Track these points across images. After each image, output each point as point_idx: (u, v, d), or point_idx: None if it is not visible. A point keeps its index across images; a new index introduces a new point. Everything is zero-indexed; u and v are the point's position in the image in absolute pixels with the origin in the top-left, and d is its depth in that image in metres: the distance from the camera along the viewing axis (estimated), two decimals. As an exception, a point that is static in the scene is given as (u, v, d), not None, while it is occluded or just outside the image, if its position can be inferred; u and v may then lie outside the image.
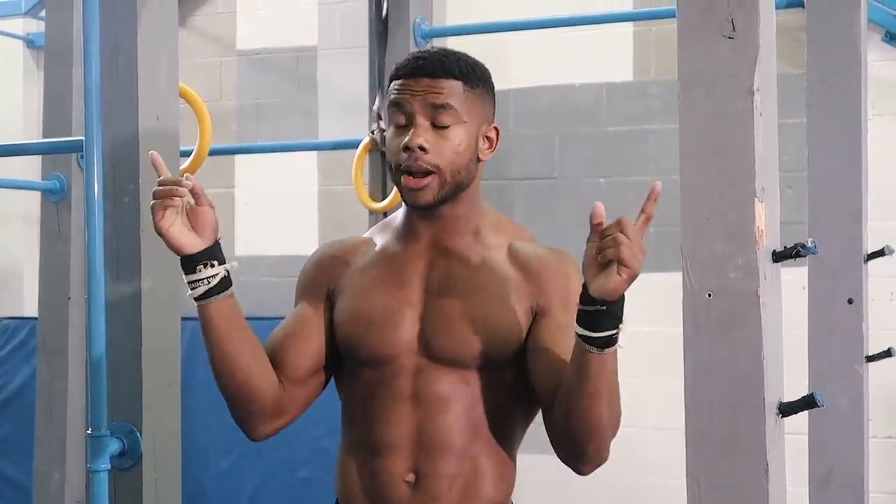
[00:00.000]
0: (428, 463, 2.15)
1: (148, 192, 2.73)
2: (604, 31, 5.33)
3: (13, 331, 6.11)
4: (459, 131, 2.16)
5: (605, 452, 2.17)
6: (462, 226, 2.24)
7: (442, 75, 2.16)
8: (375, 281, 2.23)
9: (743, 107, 2.11)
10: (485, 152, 2.23)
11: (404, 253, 2.24)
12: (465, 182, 2.20)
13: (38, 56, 6.32)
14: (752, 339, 2.10)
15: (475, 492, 2.19)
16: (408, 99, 2.16)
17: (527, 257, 2.21)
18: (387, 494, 2.17)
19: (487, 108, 2.23)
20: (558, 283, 2.18)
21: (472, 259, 2.21)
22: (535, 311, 2.17)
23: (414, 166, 2.14)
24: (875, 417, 4.03)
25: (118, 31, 2.72)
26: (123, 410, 2.68)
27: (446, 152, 2.15)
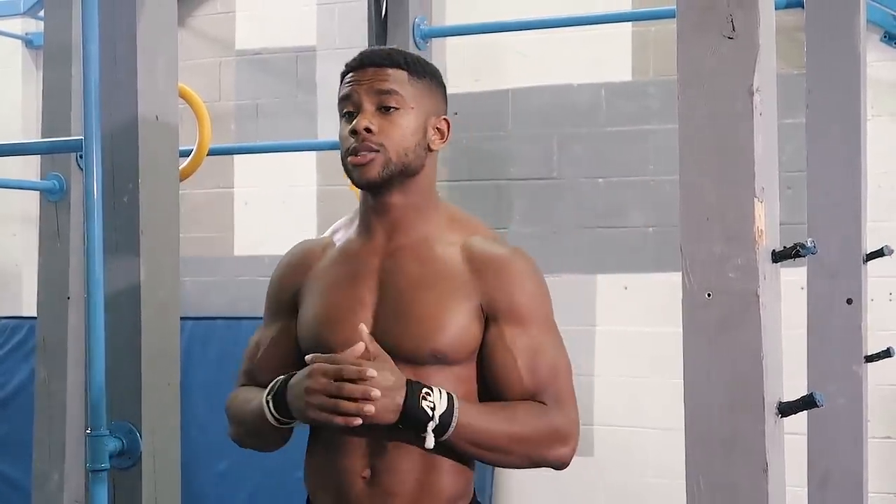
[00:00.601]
0: (383, 459, 2.21)
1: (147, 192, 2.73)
2: (603, 32, 5.33)
3: (12, 330, 6.11)
4: (405, 116, 2.24)
5: (559, 458, 2.25)
6: (416, 220, 2.29)
7: (387, 64, 2.26)
8: (332, 282, 2.29)
9: (742, 107, 2.11)
10: (435, 142, 2.31)
11: (360, 251, 2.29)
12: (413, 167, 2.26)
13: (36, 56, 6.32)
14: (752, 339, 2.10)
15: (430, 486, 2.23)
16: (355, 89, 2.25)
17: (478, 256, 2.25)
18: (346, 491, 2.24)
19: (437, 100, 2.31)
20: (506, 287, 2.23)
21: (426, 255, 2.25)
22: (485, 312, 2.22)
23: (361, 147, 2.22)
24: (874, 418, 4.03)
25: (117, 31, 2.72)
26: (123, 410, 2.68)
27: (392, 133, 2.22)
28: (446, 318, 2.19)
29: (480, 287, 2.22)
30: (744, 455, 2.11)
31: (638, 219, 5.34)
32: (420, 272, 2.23)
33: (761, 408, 2.10)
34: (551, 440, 2.22)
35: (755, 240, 2.10)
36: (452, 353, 2.20)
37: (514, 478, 5.55)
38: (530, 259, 2.29)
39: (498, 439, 2.18)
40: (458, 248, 2.26)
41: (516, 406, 2.21)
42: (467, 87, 5.66)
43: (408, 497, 2.21)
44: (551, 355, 2.27)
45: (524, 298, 2.23)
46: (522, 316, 2.23)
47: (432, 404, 2.10)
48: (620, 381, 5.41)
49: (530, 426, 2.20)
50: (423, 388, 2.11)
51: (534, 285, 2.26)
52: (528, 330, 2.24)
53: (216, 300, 5.87)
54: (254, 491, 5.44)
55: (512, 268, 2.25)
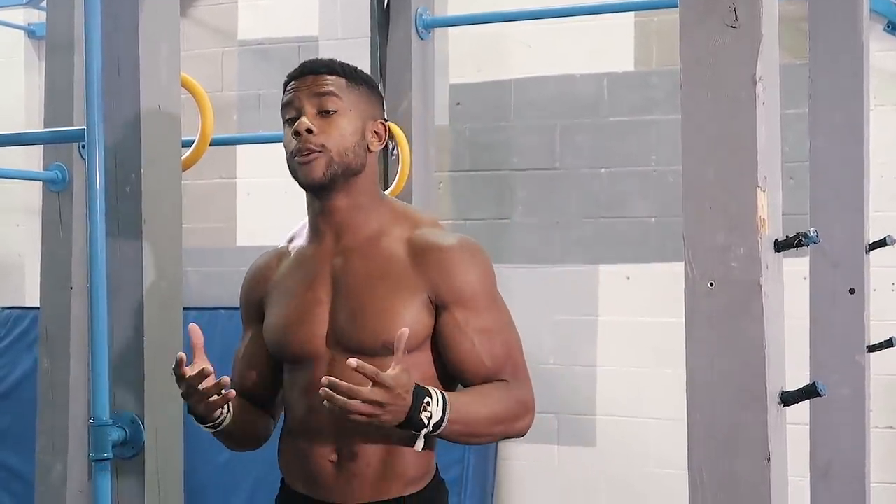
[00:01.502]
0: (347, 444, 2.36)
1: (149, 182, 2.74)
2: (605, 21, 5.32)
3: (15, 321, 6.11)
4: (344, 118, 2.38)
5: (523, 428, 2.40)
6: (361, 220, 2.41)
7: (325, 71, 2.41)
8: (290, 287, 2.46)
9: (745, 96, 2.10)
10: (374, 144, 2.43)
11: (313, 255, 2.45)
12: (355, 167, 2.38)
13: (39, 46, 6.31)
14: (754, 328, 2.10)
15: (394, 467, 2.36)
16: (296, 95, 2.39)
17: (420, 248, 2.38)
18: (315, 473, 2.40)
19: (374, 106, 2.45)
20: (447, 276, 2.36)
21: (374, 253, 2.38)
22: (433, 301, 2.35)
23: (303, 148, 2.35)
24: (876, 408, 4.03)
25: (120, 21, 2.72)
26: (125, 400, 2.69)
27: (333, 133, 2.36)
28: (396, 312, 2.32)
29: (424, 278, 2.34)
30: (746, 445, 2.11)
31: (640, 209, 5.33)
32: (368, 270, 2.37)
33: (763, 397, 2.10)
34: (517, 414, 2.37)
35: (758, 229, 2.10)
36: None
37: (516, 468, 5.56)
38: (472, 244, 2.41)
39: (478, 426, 2.31)
40: (403, 243, 2.38)
41: (486, 389, 2.35)
42: (470, 77, 5.65)
43: (372, 478, 2.36)
44: (502, 333, 2.39)
45: (467, 283, 2.36)
46: (469, 300, 2.35)
47: (430, 414, 2.21)
48: (623, 371, 5.42)
49: (501, 406, 2.34)
50: (426, 398, 2.21)
51: (475, 268, 2.38)
52: (477, 313, 2.36)
53: (219, 290, 5.87)
54: (256, 481, 5.45)
55: (451, 256, 2.36)
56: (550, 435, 5.51)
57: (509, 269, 5.52)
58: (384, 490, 2.37)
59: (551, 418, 5.50)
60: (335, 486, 2.38)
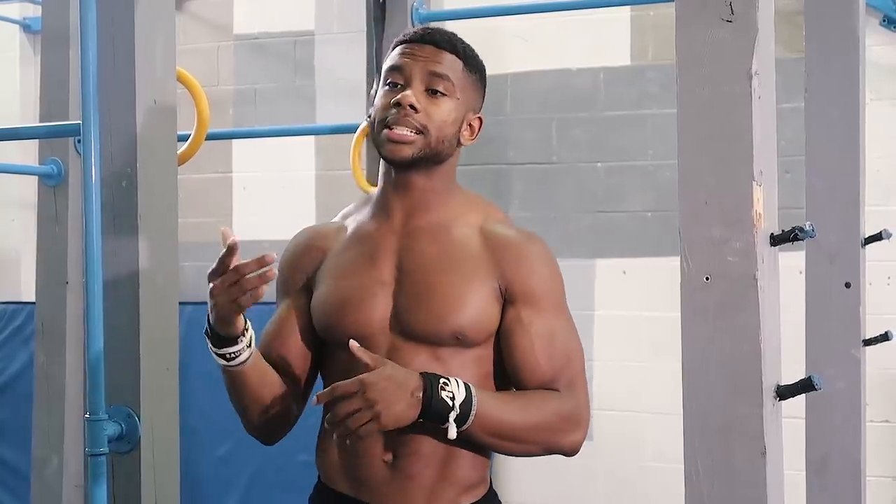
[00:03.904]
0: (404, 442, 2.19)
1: (145, 176, 2.73)
2: (601, 16, 5.32)
3: (10, 315, 6.11)
4: (451, 104, 2.24)
5: (572, 444, 2.25)
6: (435, 203, 2.27)
7: (447, 48, 2.25)
8: (349, 263, 2.27)
9: (741, 90, 2.10)
10: (466, 137, 2.30)
11: (377, 231, 2.28)
12: (444, 155, 2.25)
13: (34, 40, 6.30)
14: (750, 322, 2.10)
15: (451, 471, 2.23)
16: (408, 62, 2.23)
17: (497, 238, 2.26)
18: (366, 474, 2.23)
19: (478, 97, 2.33)
20: (523, 270, 2.24)
21: (445, 237, 2.25)
22: (503, 294, 2.23)
23: (401, 121, 2.19)
24: (872, 402, 4.04)
25: (115, 15, 2.72)
26: (121, 394, 2.69)
27: (436, 117, 2.21)
28: (467, 299, 2.19)
29: (499, 269, 2.23)
30: (742, 439, 2.11)
31: (637, 203, 5.34)
32: (439, 253, 2.23)
33: (759, 391, 2.10)
34: (565, 427, 2.22)
35: (754, 223, 2.10)
36: (472, 334, 2.20)
37: (513, 463, 5.56)
38: (545, 244, 2.31)
39: (516, 428, 2.17)
40: (476, 231, 2.26)
41: (531, 394, 2.22)
42: (466, 71, 5.65)
43: (429, 482, 2.21)
44: (565, 340, 2.28)
45: (541, 282, 2.25)
46: (539, 300, 2.24)
47: (451, 394, 2.09)
48: (619, 365, 5.42)
49: (545, 414, 2.20)
50: (441, 379, 2.10)
51: (550, 270, 2.29)
52: (543, 314, 2.25)
53: (215, 285, 5.86)
54: (253, 475, 5.45)
55: (530, 251, 2.26)
56: (547, 429, 5.50)
57: (505, 264, 5.51)
58: (439, 495, 2.22)
59: (547, 412, 5.50)
60: (387, 489, 2.22)
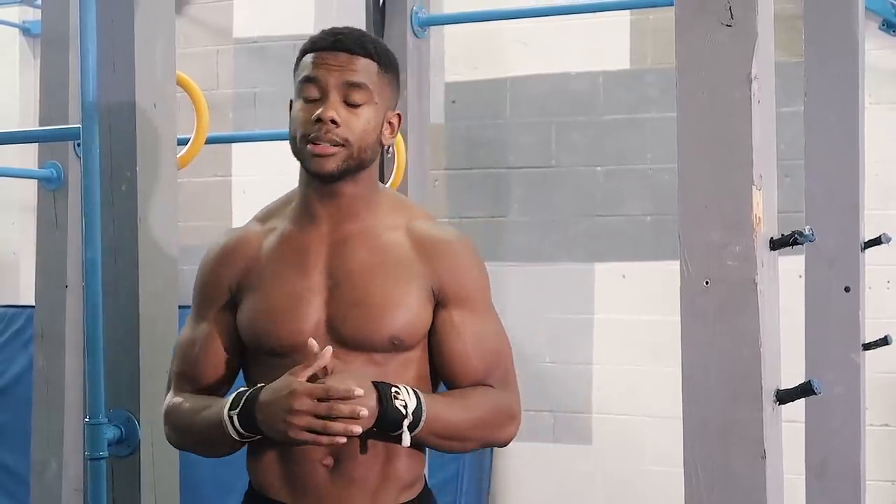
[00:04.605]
0: (345, 447, 2.17)
1: (145, 180, 2.73)
2: (600, 20, 5.32)
3: (10, 319, 6.10)
4: (370, 111, 2.21)
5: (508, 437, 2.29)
6: (362, 208, 2.26)
7: (360, 53, 2.21)
8: (279, 271, 2.25)
9: (740, 94, 2.11)
10: (387, 137, 2.27)
11: (305, 239, 2.26)
12: (368, 162, 2.24)
13: (34, 44, 6.30)
14: (750, 326, 2.10)
15: (392, 471, 2.23)
16: (324, 73, 2.20)
17: (426, 240, 2.25)
18: (306, 480, 2.22)
19: (394, 94, 2.29)
20: (453, 270, 2.24)
21: (373, 242, 2.24)
22: (435, 296, 2.23)
23: (323, 137, 2.18)
24: (871, 406, 4.03)
25: (115, 19, 2.72)
26: (121, 398, 2.69)
27: (356, 129, 2.18)
28: (401, 304, 2.19)
29: (431, 271, 2.22)
30: (742, 442, 2.11)
31: (636, 207, 5.34)
32: (370, 259, 2.22)
33: (759, 395, 2.10)
34: (503, 422, 2.25)
35: (753, 227, 2.11)
36: (408, 339, 2.20)
37: (512, 466, 5.56)
38: (472, 242, 2.31)
39: (460, 428, 2.19)
40: (404, 233, 2.25)
41: (471, 393, 2.23)
42: (465, 75, 5.65)
43: (372, 484, 2.21)
44: (496, 338, 2.28)
45: (472, 283, 2.25)
46: (470, 301, 2.24)
47: (404, 402, 2.10)
48: (618, 369, 5.42)
49: (485, 411, 2.22)
50: (392, 388, 2.11)
51: (479, 270, 2.28)
52: (475, 314, 2.25)
53: (214, 289, 5.86)
54: (252, 479, 5.45)
55: (460, 253, 2.26)
56: (546, 433, 5.51)
57: (505, 268, 5.52)
58: (381, 497, 2.21)
59: (547, 416, 5.50)
60: (329, 494, 2.20)
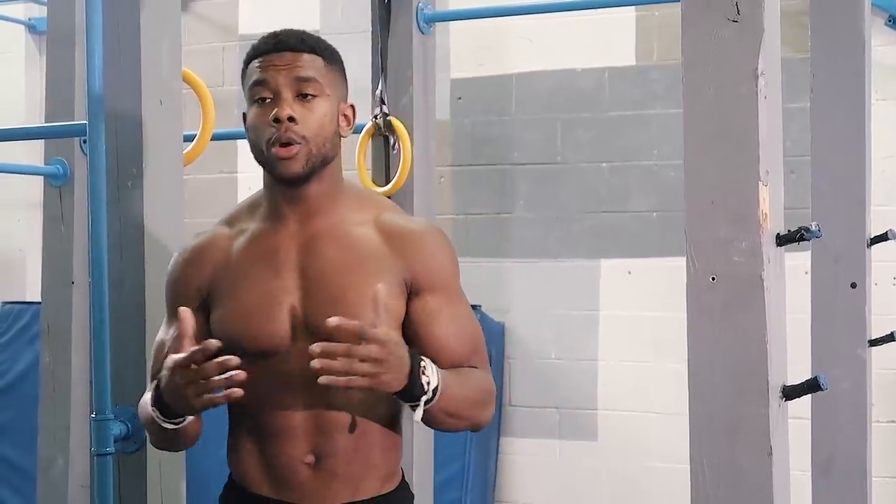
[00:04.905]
0: (326, 443, 2.21)
1: (151, 176, 2.74)
2: (606, 16, 5.32)
3: (16, 315, 6.11)
4: (323, 103, 2.22)
5: (489, 418, 2.31)
6: (329, 205, 2.27)
7: (304, 49, 2.23)
8: (250, 273, 2.25)
9: (747, 90, 2.11)
10: (344, 129, 2.28)
11: (275, 239, 2.26)
12: (330, 156, 2.24)
13: (40, 41, 6.31)
14: (756, 322, 2.10)
15: (371, 464, 2.26)
16: (272, 74, 2.21)
17: (396, 232, 2.27)
18: (288, 477, 2.24)
19: (344, 85, 2.30)
20: (425, 260, 2.26)
21: (344, 238, 2.25)
22: (408, 287, 2.24)
23: (283, 137, 2.17)
24: (878, 402, 4.03)
25: (121, 16, 2.73)
26: (127, 394, 2.69)
27: (313, 123, 2.19)
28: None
29: (402, 262, 2.24)
30: (748, 439, 2.11)
31: (641, 203, 5.34)
32: (341, 256, 2.23)
33: (765, 391, 2.10)
34: (489, 401, 2.29)
35: (759, 223, 2.11)
36: None
37: (517, 463, 5.56)
38: (442, 231, 2.34)
39: (461, 406, 2.20)
40: (372, 226, 2.26)
41: (467, 373, 2.25)
42: (471, 71, 5.65)
43: (353, 477, 2.24)
44: (470, 322, 2.31)
45: (443, 271, 2.27)
46: (443, 287, 2.26)
47: (428, 379, 2.10)
48: (624, 366, 5.42)
49: (478, 391, 2.25)
50: (422, 362, 2.11)
51: (449, 257, 2.30)
52: (449, 301, 2.27)
53: (220, 285, 5.87)
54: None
55: (430, 242, 2.28)
56: (552, 429, 5.51)
57: (510, 264, 5.52)
58: (364, 489, 2.24)
59: (553, 412, 5.50)
60: (312, 489, 2.23)
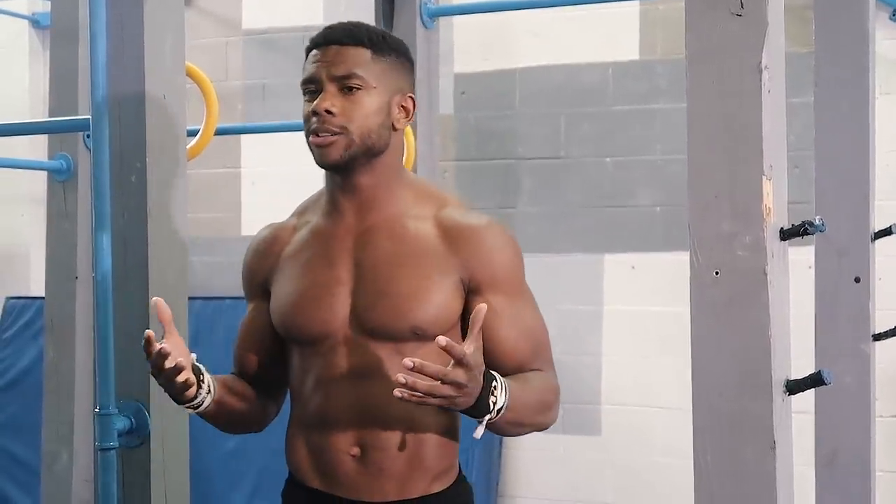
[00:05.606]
0: (372, 436, 2.21)
1: (155, 171, 2.74)
2: (610, 10, 5.31)
3: (20, 310, 6.12)
4: (368, 96, 2.21)
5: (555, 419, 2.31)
6: (384, 197, 2.26)
7: (349, 42, 2.23)
8: (306, 263, 2.28)
9: (751, 84, 2.10)
10: (400, 121, 2.27)
11: (332, 230, 2.28)
12: (378, 147, 2.23)
13: (44, 36, 6.30)
14: (760, 317, 2.10)
15: (421, 461, 2.23)
16: (317, 69, 2.24)
17: (453, 228, 2.24)
18: (334, 469, 2.25)
19: (402, 78, 2.27)
20: (482, 257, 2.22)
21: (400, 232, 2.24)
22: (466, 286, 2.22)
23: (321, 128, 2.21)
24: (881, 396, 4.03)
25: (124, 11, 2.72)
26: (131, 389, 2.69)
27: (354, 115, 2.20)
28: (426, 294, 2.19)
29: (459, 260, 2.21)
30: (751, 433, 2.11)
31: (646, 198, 5.33)
32: (396, 249, 2.22)
33: (769, 386, 2.10)
34: (551, 403, 2.26)
35: (763, 218, 2.10)
36: (431, 329, 2.18)
37: (521, 458, 5.56)
38: (504, 227, 2.29)
39: (525, 414, 2.17)
40: (431, 222, 2.25)
41: (530, 377, 2.21)
42: (475, 66, 5.65)
43: (399, 473, 2.22)
44: (534, 320, 2.28)
45: (505, 269, 2.23)
46: (504, 285, 2.23)
47: (496, 399, 2.06)
48: (628, 360, 5.42)
49: (543, 394, 2.22)
50: (493, 382, 2.06)
51: (510, 253, 2.26)
52: (512, 300, 2.24)
53: (224, 280, 5.87)
54: (262, 470, 5.46)
55: (489, 238, 2.24)
56: (555, 424, 5.50)
57: (514, 259, 5.51)
58: (410, 486, 2.23)
59: (556, 407, 5.50)
60: (358, 483, 2.23)
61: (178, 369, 2.09)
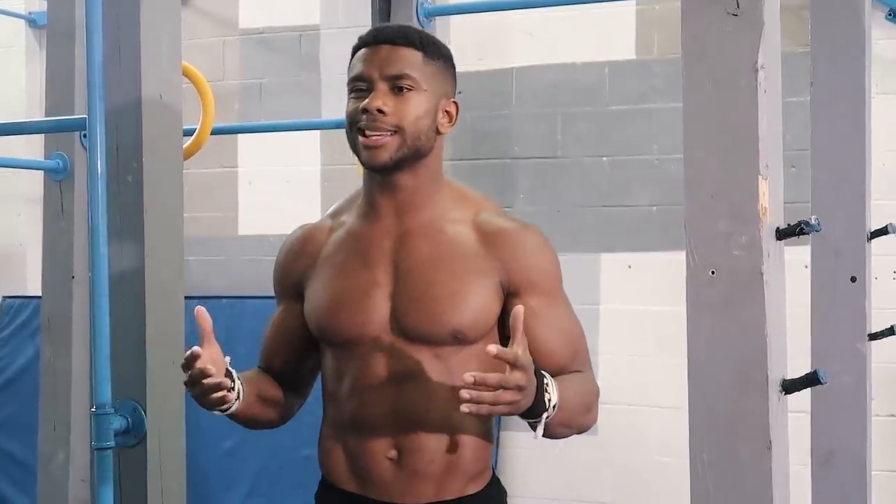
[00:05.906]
0: (409, 439, 2.20)
1: (151, 171, 2.73)
2: (606, 10, 5.31)
3: (17, 310, 6.12)
4: (419, 98, 2.20)
5: (595, 420, 2.26)
6: (424, 200, 2.26)
7: (402, 43, 2.21)
8: (343, 264, 2.26)
9: (747, 84, 2.11)
10: (444, 125, 2.27)
11: (369, 232, 2.26)
12: (424, 150, 2.23)
13: (40, 35, 6.30)
14: (756, 316, 2.10)
15: (456, 465, 2.22)
16: (368, 66, 2.20)
17: (492, 232, 2.24)
18: (371, 472, 2.23)
19: (447, 83, 2.27)
20: (520, 260, 2.22)
21: (438, 235, 2.23)
22: (504, 289, 2.21)
23: (371, 127, 2.16)
24: (877, 396, 4.03)
25: (121, 10, 2.72)
26: (127, 388, 2.69)
27: (406, 114, 2.18)
28: (465, 298, 2.18)
29: (498, 264, 2.21)
30: (747, 432, 2.11)
31: (642, 197, 5.33)
32: (434, 253, 2.21)
33: (765, 385, 2.10)
34: (592, 404, 2.23)
35: (759, 217, 2.11)
36: (471, 333, 2.18)
37: (518, 457, 5.56)
38: (540, 231, 2.29)
39: (571, 414, 2.14)
40: (469, 226, 2.24)
41: (574, 379, 2.20)
42: (471, 65, 5.64)
43: (436, 475, 2.21)
44: (572, 323, 2.28)
45: (543, 272, 2.23)
46: (542, 289, 2.23)
47: (550, 396, 2.04)
48: (624, 360, 5.42)
49: (586, 396, 2.20)
50: (545, 380, 2.05)
51: (548, 257, 2.26)
52: (550, 302, 2.24)
53: (220, 280, 5.87)
54: (259, 469, 5.45)
55: (527, 242, 2.24)
56: (552, 423, 5.50)
57: (511, 258, 5.51)
58: (447, 487, 2.22)
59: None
60: (394, 485, 2.22)
61: (219, 387, 2.08)
